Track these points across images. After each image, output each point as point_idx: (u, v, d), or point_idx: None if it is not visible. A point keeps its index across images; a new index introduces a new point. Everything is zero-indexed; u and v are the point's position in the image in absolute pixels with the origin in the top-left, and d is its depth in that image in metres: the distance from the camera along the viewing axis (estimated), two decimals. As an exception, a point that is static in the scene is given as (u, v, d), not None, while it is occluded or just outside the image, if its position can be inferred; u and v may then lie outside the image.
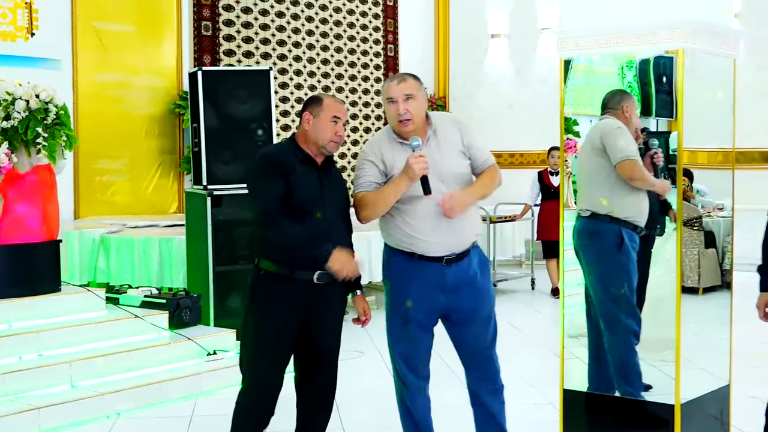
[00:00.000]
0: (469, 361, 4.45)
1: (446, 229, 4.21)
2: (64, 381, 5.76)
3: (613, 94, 5.04)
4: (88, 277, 8.43)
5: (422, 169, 4.07)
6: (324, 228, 4.10)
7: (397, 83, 4.22)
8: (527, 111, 13.20)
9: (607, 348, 4.95)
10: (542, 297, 10.32)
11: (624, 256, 4.95)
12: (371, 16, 12.81)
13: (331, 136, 4.15)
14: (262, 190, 4.13)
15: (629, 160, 4.84)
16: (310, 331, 4.20)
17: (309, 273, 4.10)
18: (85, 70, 9.88)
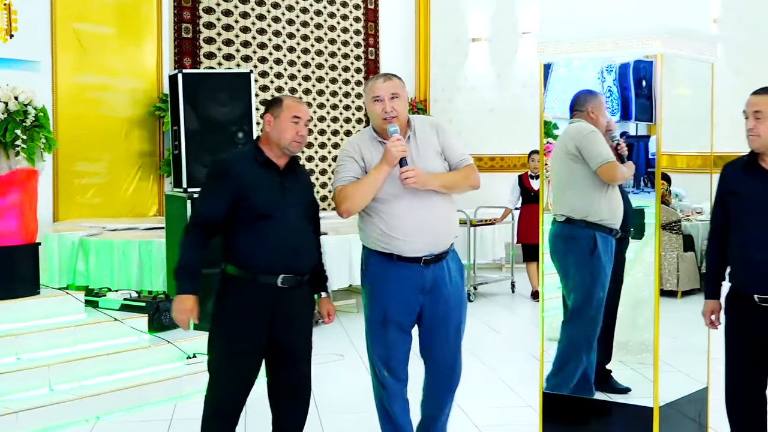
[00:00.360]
0: (435, 367, 4.46)
1: (424, 229, 4.23)
2: (43, 384, 5.73)
3: (579, 95, 5.09)
4: (67, 280, 8.38)
5: (400, 152, 4.11)
6: (284, 232, 4.09)
7: (383, 81, 4.26)
8: (507, 114, 13.23)
9: (559, 342, 5.00)
10: (522, 300, 10.35)
11: (596, 262, 5.01)
12: (352, 19, 12.82)
13: (292, 136, 4.14)
14: (206, 198, 4.18)
15: (608, 163, 4.91)
16: (278, 334, 4.17)
17: (272, 277, 4.09)
18: (65, 72, 9.84)
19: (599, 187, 4.97)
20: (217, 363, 4.23)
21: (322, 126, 12.42)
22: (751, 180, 4.03)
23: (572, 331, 5.03)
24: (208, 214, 4.11)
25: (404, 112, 4.27)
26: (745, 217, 4.00)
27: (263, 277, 4.08)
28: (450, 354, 4.43)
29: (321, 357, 7.39)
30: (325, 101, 12.45)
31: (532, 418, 5.40)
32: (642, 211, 5.32)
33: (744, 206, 4.02)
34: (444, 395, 4.49)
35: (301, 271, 4.17)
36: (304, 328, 4.30)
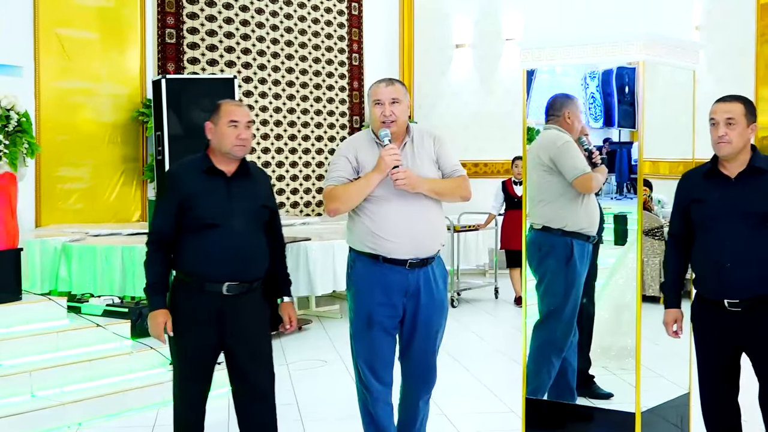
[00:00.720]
0: (412, 370, 4.48)
1: (412, 233, 4.27)
2: (25, 391, 5.70)
3: (555, 99, 5.10)
4: (49, 285, 8.35)
5: (393, 161, 4.16)
6: (229, 240, 4.08)
7: (385, 86, 4.31)
8: (491, 120, 13.27)
9: (530, 347, 5.02)
10: (506, 306, 10.36)
11: (571, 269, 5.03)
12: (336, 25, 12.83)
13: (232, 140, 4.13)
14: (158, 212, 4.21)
15: (584, 175, 4.94)
16: (228, 341, 4.18)
17: (218, 285, 4.10)
18: (48, 76, 9.80)
19: (576, 197, 5.00)
20: (174, 364, 4.30)
21: (305, 132, 12.41)
22: (714, 187, 4.06)
23: (543, 336, 5.04)
24: (161, 227, 4.16)
25: (403, 117, 4.31)
26: (711, 224, 4.02)
27: (209, 285, 4.10)
28: (427, 358, 4.46)
29: (304, 363, 7.39)
30: (309, 107, 12.45)
31: (515, 424, 5.42)
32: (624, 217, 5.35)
33: (709, 213, 4.04)
34: (419, 399, 4.52)
35: (248, 278, 4.17)
36: (256, 335, 4.28)
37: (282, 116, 12.13)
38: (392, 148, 4.19)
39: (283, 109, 12.14)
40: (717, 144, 4.02)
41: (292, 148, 12.26)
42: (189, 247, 4.11)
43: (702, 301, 4.12)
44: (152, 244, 4.17)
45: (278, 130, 12.09)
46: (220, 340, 4.17)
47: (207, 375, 4.25)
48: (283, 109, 12.14)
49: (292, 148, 12.25)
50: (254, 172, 4.30)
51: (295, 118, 12.28)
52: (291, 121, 12.23)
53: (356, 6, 13.12)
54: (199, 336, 4.15)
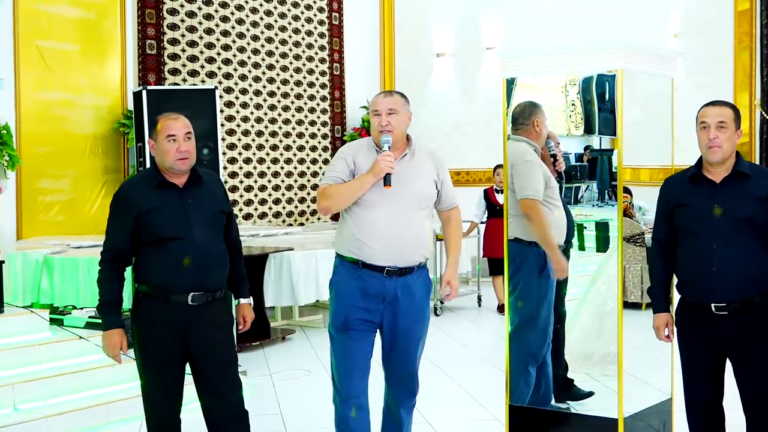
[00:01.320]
0: (394, 378, 4.52)
1: (392, 241, 4.32)
2: (7, 404, 5.68)
3: (523, 108, 5.12)
4: (31, 298, 8.30)
5: (388, 167, 4.23)
6: (191, 251, 4.08)
7: (383, 96, 4.46)
8: (472, 129, 13.31)
9: (508, 357, 5.04)
10: (489, 314, 10.38)
11: (544, 280, 5.06)
12: (317, 35, 12.85)
13: (173, 155, 4.11)
14: (110, 230, 4.20)
15: (529, 200, 4.96)
16: (196, 351, 4.17)
17: (183, 296, 4.10)
18: (28, 88, 9.76)
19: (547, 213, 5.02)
20: (142, 379, 4.27)
21: (287, 141, 12.41)
22: (699, 191, 4.08)
23: (518, 346, 5.05)
24: (114, 245, 4.15)
25: (401, 127, 4.40)
26: (696, 228, 4.04)
27: (174, 296, 4.10)
28: (407, 367, 4.49)
29: (287, 373, 7.39)
30: (290, 117, 12.45)
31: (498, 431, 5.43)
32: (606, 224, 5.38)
33: (694, 217, 4.06)
34: (401, 407, 4.54)
35: (212, 287, 4.18)
36: (224, 339, 4.27)
37: (263, 126, 12.12)
38: (388, 155, 4.27)
39: (265, 119, 12.14)
40: (709, 148, 4.03)
41: (274, 158, 12.25)
42: (151, 260, 4.11)
43: (687, 305, 4.14)
44: (106, 262, 4.16)
45: (260, 140, 12.08)
46: (186, 351, 4.16)
47: (177, 386, 4.23)
48: (265, 119, 12.14)
49: (273, 158, 12.24)
50: (206, 179, 4.29)
51: (276, 128, 12.28)
52: (272, 131, 12.23)
53: (337, 16, 13.14)
54: (166, 348, 4.13)
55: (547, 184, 5.03)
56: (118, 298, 4.17)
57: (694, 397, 4.17)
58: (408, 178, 4.36)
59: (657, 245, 4.26)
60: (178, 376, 4.23)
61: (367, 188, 4.29)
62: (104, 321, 4.16)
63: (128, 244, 4.12)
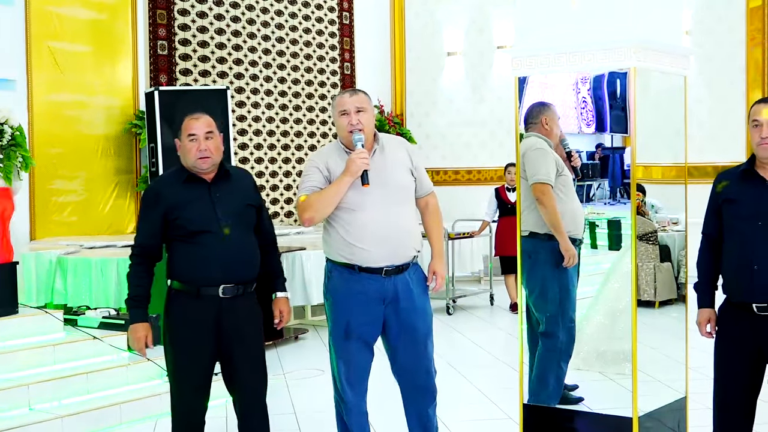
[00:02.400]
0: (406, 380, 4.49)
1: (386, 240, 4.30)
2: (23, 404, 5.70)
3: (532, 108, 5.13)
4: (45, 298, 8.34)
5: (364, 164, 4.22)
6: (220, 244, 4.13)
7: (349, 96, 4.38)
8: (483, 128, 13.31)
9: (536, 357, 5.03)
10: (501, 312, 10.38)
11: (563, 273, 5.04)
12: (327, 34, 12.86)
13: (194, 154, 4.18)
14: (140, 226, 4.29)
15: (540, 184, 4.97)
16: (227, 345, 4.21)
17: (214, 288, 4.15)
18: (40, 90, 9.80)
19: (560, 202, 5.01)
20: (171, 376, 4.31)
21: (298, 141, 12.43)
22: (748, 188, 4.03)
23: (548, 344, 5.04)
24: (144, 241, 4.23)
25: (370, 126, 4.37)
26: (742, 225, 3.99)
27: (205, 289, 4.15)
28: (421, 365, 4.46)
29: (300, 372, 7.40)
30: (302, 116, 12.47)
31: (512, 430, 5.42)
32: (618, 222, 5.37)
33: (741, 214, 4.01)
34: (422, 409, 4.49)
35: (242, 280, 4.22)
36: (252, 339, 4.30)
37: (275, 126, 12.14)
38: (362, 152, 4.24)
39: (276, 119, 12.16)
40: (760, 145, 3.99)
41: (285, 157, 12.27)
42: (181, 254, 4.17)
43: (730, 304, 4.08)
44: (135, 257, 4.23)
45: (271, 139, 12.10)
46: (218, 345, 4.20)
47: (206, 384, 4.28)
48: (276, 119, 12.16)
49: (285, 158, 12.26)
50: (234, 174, 4.34)
51: (287, 128, 12.29)
52: (284, 130, 12.25)
53: (347, 15, 13.15)
54: (198, 343, 4.18)
55: (559, 173, 5.03)
56: (145, 292, 4.22)
57: (728, 397, 4.10)
58: (384, 172, 4.34)
59: (705, 240, 4.22)
60: (208, 373, 4.27)
61: (345, 189, 4.25)
62: (130, 315, 4.22)
63: (157, 239, 4.19)
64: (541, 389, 4.97)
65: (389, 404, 5.02)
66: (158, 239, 4.19)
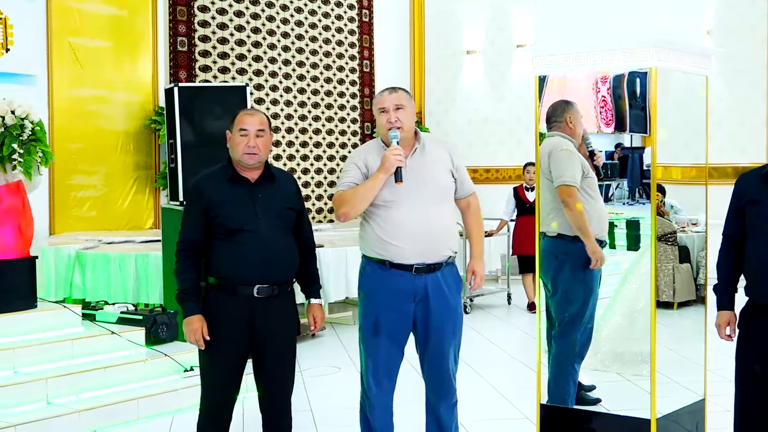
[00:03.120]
0: (430, 377, 4.49)
1: (418, 238, 4.30)
2: (41, 398, 5.73)
3: (556, 106, 5.11)
4: (63, 293, 8.38)
5: (397, 161, 4.22)
6: (257, 244, 4.16)
7: (389, 93, 4.40)
8: (502, 126, 13.28)
9: (552, 357, 5.01)
10: (518, 312, 10.35)
11: (588, 275, 5.02)
12: (347, 32, 12.86)
13: (242, 149, 4.22)
14: (184, 221, 4.31)
15: (566, 186, 4.94)
16: (259, 342, 4.23)
17: (249, 287, 4.17)
18: (61, 85, 9.85)
19: (586, 203, 4.99)
20: (202, 370, 4.35)
21: (317, 138, 12.44)
22: None
23: (564, 345, 5.03)
24: (188, 236, 4.26)
25: (409, 123, 4.38)
26: (765, 226, 3.94)
27: (240, 288, 4.18)
28: (441, 365, 4.45)
29: (318, 370, 7.41)
30: (320, 113, 12.48)
31: (529, 430, 5.41)
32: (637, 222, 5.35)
33: (764, 215, 3.95)
34: (440, 406, 4.49)
35: (277, 280, 4.24)
36: (284, 339, 4.32)
37: (293, 123, 12.16)
38: (396, 149, 4.25)
39: (295, 116, 12.17)
40: None
41: (304, 154, 12.28)
42: (219, 252, 4.20)
43: (752, 306, 4.03)
44: (181, 252, 4.26)
45: (290, 136, 12.12)
46: (250, 342, 4.23)
47: (236, 379, 4.31)
48: (295, 116, 12.17)
49: (303, 155, 12.28)
50: (279, 176, 4.37)
51: (306, 125, 12.31)
52: (302, 127, 12.26)
53: (367, 13, 13.14)
54: (231, 340, 4.21)
55: (585, 174, 5.01)
56: (195, 285, 4.23)
57: (749, 401, 4.05)
58: (423, 171, 4.34)
59: (725, 242, 4.17)
60: (239, 367, 4.30)
61: (380, 186, 4.26)
62: (183, 308, 4.23)
63: (201, 234, 4.22)
64: (556, 391, 4.96)
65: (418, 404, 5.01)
66: (202, 234, 4.22)
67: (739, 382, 4.10)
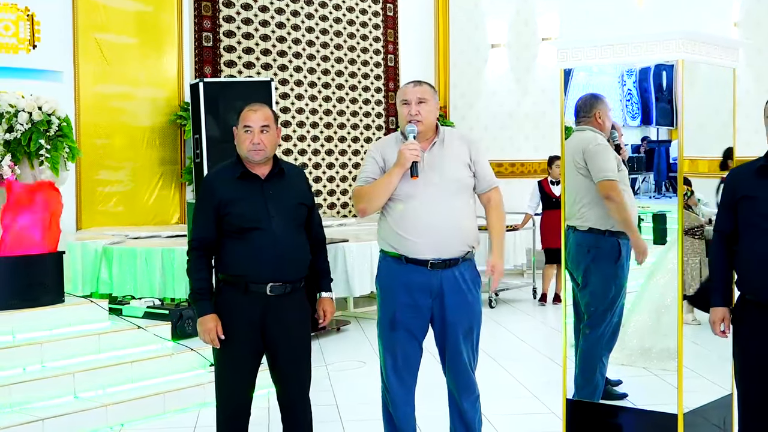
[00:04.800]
0: (449, 370, 4.46)
1: (433, 233, 4.26)
2: (68, 392, 5.77)
3: (585, 100, 5.07)
4: (90, 288, 8.44)
5: (413, 156, 4.19)
6: (269, 241, 4.13)
7: (412, 86, 4.37)
8: (527, 120, 13.23)
9: (579, 351, 4.99)
10: (544, 306, 10.32)
11: (619, 269, 4.99)
12: (371, 26, 12.85)
13: (247, 146, 4.18)
14: (196, 219, 4.27)
15: (608, 181, 4.90)
16: (272, 341, 4.21)
17: (262, 286, 4.14)
18: (87, 81, 9.91)
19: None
20: (217, 369, 4.33)
21: (342, 133, 12.45)
22: (766, 184, 3.96)
23: (593, 338, 5.01)
24: (201, 234, 4.22)
25: (430, 117, 4.34)
26: (760, 222, 3.90)
27: (253, 286, 4.15)
28: (460, 363, 4.41)
29: (342, 364, 7.42)
30: (345, 108, 12.48)
31: (555, 425, 5.40)
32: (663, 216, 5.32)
33: (760, 211, 3.91)
34: (462, 402, 4.46)
35: (290, 278, 4.21)
36: (298, 336, 4.30)
37: (318, 117, 12.17)
38: (412, 143, 4.22)
39: (320, 111, 12.18)
40: None
41: (329, 149, 12.30)
42: (232, 250, 4.17)
43: (746, 302, 4.00)
44: (194, 250, 4.23)
45: (314, 131, 12.13)
46: (264, 340, 4.21)
47: (251, 378, 4.29)
48: (320, 111, 12.18)
49: (328, 150, 12.29)
50: (289, 172, 4.32)
51: (331, 120, 12.32)
52: (327, 122, 12.27)
53: (391, 7, 13.13)
54: (244, 338, 4.18)
55: (618, 168, 4.99)
56: (208, 285, 4.22)
57: (750, 398, 4.04)
58: (440, 165, 4.30)
59: (718, 237, 4.13)
60: (254, 365, 4.28)
61: (396, 181, 4.24)
62: (197, 308, 4.22)
63: (213, 232, 4.18)
64: (585, 384, 4.94)
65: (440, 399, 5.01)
66: (214, 232, 4.18)
67: (740, 379, 4.05)
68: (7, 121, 6.08)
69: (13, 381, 5.62)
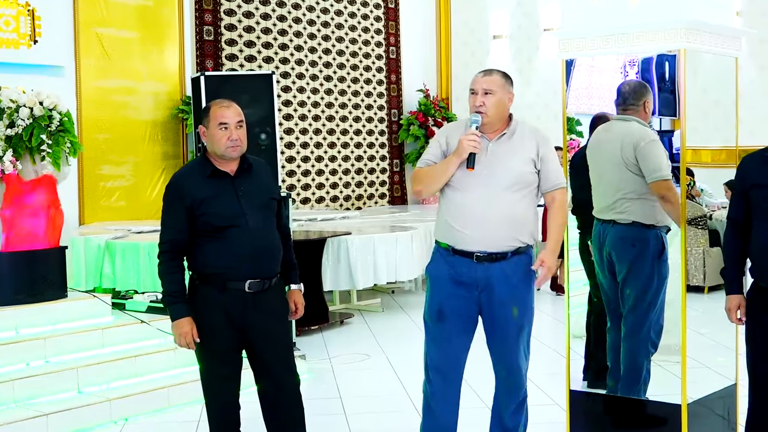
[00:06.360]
0: (496, 372, 4.37)
1: (482, 225, 4.16)
2: (71, 387, 5.78)
3: (633, 87, 4.98)
4: (93, 282, 8.43)
5: (471, 147, 4.11)
6: (246, 239, 4.09)
7: (482, 76, 4.32)
8: (530, 111, 13.17)
9: (623, 351, 4.95)
10: (546, 297, 10.29)
11: (663, 262, 4.92)
12: (373, 18, 12.83)
13: (224, 143, 4.12)
14: (165, 221, 4.20)
15: (665, 181, 4.79)
16: (252, 337, 4.18)
17: (240, 283, 4.11)
18: (88, 76, 9.89)
19: None
20: (201, 367, 4.30)
21: (344, 125, 12.43)
22: None
23: (644, 333, 4.95)
24: (172, 236, 4.16)
25: (497, 109, 4.22)
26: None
27: (231, 283, 4.11)
28: (508, 360, 4.31)
29: (346, 357, 7.41)
30: (347, 101, 12.47)
31: (559, 416, 5.39)
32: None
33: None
34: (505, 406, 4.37)
35: (267, 274, 4.18)
36: (277, 331, 4.27)
37: (320, 111, 12.15)
38: (473, 134, 4.14)
39: (321, 104, 12.17)
40: None
41: (331, 142, 12.28)
42: (207, 249, 4.12)
43: (759, 289, 3.99)
44: (165, 254, 4.17)
45: (317, 124, 12.12)
46: (243, 337, 4.18)
47: (235, 373, 4.26)
48: (321, 104, 12.17)
49: (330, 142, 12.28)
50: (256, 166, 4.28)
51: (333, 113, 12.30)
52: (329, 115, 12.26)
53: (393, -1, 13.11)
54: (223, 335, 4.15)
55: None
56: (182, 287, 4.17)
57: (759, 383, 4.04)
58: (503, 158, 4.19)
59: (731, 225, 4.12)
60: (236, 362, 4.25)
61: (452, 169, 4.16)
62: (171, 311, 4.16)
63: (185, 234, 4.13)
64: (633, 380, 4.87)
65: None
66: (186, 234, 4.12)
67: (752, 365, 4.06)
68: (9, 117, 6.07)
69: (16, 376, 5.63)
